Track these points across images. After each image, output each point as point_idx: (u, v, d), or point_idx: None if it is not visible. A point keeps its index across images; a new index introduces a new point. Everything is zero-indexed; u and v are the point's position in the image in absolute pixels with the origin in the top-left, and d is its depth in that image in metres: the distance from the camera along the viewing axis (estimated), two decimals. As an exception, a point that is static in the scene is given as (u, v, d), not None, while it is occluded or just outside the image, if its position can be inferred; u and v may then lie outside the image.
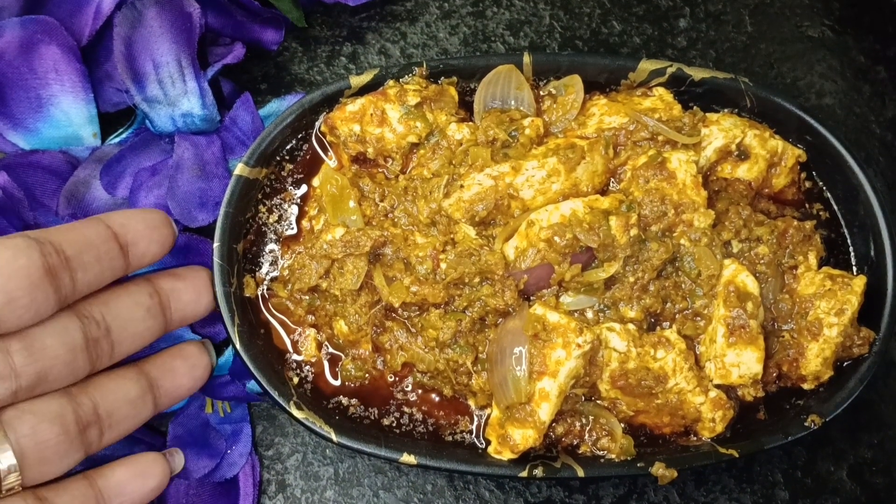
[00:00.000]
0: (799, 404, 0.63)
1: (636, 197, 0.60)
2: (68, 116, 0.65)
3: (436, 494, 0.66)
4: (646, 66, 0.65)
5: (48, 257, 0.50)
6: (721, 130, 0.63)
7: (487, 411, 0.61)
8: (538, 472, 0.58)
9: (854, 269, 0.65)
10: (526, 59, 0.65)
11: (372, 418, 0.61)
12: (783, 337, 0.61)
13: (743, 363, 0.59)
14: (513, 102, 0.64)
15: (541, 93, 0.65)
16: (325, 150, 0.65)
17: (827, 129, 0.65)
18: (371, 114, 0.62)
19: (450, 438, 0.61)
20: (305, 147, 0.65)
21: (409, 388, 0.62)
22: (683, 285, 0.60)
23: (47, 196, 0.64)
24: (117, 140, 0.66)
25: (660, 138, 0.62)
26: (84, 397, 0.54)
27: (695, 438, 0.61)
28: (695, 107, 0.64)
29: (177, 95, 0.65)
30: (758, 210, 0.64)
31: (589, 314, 0.59)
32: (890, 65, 0.75)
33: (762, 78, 0.74)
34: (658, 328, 0.61)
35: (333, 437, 0.58)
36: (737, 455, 0.60)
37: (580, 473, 0.58)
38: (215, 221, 0.61)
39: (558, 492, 0.66)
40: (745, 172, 0.64)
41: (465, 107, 0.65)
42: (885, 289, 0.63)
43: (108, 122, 0.67)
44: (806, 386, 0.62)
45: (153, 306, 0.57)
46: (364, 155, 0.63)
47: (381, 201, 0.62)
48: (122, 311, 0.56)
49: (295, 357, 0.62)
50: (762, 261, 0.61)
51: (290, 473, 0.66)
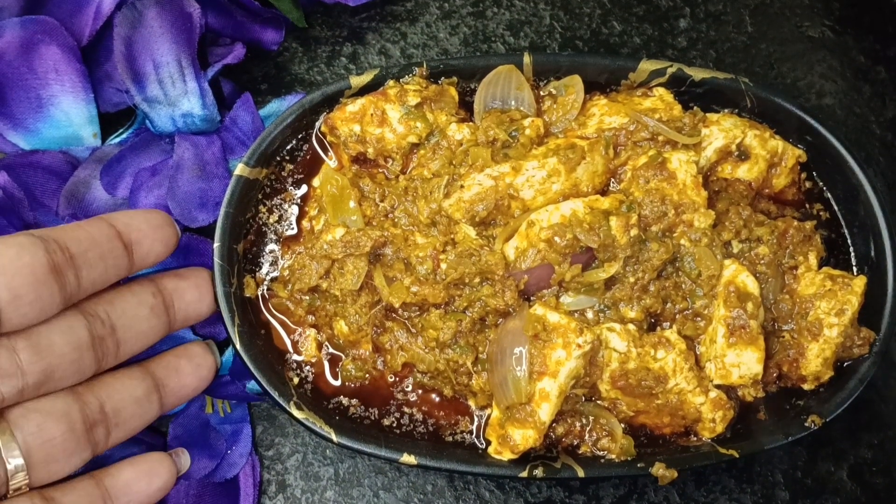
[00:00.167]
0: (799, 404, 0.63)
1: (636, 197, 0.60)
2: (68, 116, 0.65)
3: (436, 495, 0.66)
4: (646, 67, 0.65)
5: (53, 255, 0.50)
6: (721, 131, 0.63)
7: (488, 411, 0.61)
8: (538, 473, 0.58)
9: (854, 270, 0.65)
10: (526, 60, 0.65)
11: (372, 418, 0.61)
12: (783, 337, 0.61)
13: (743, 363, 0.59)
14: (513, 103, 0.64)
15: (541, 93, 0.65)
16: (326, 151, 0.65)
17: (827, 130, 0.65)
18: (371, 114, 0.62)
19: (450, 439, 0.61)
20: (306, 147, 0.65)
21: (410, 389, 0.62)
22: (684, 285, 0.60)
23: (47, 196, 0.64)
24: (117, 140, 0.66)
25: (660, 138, 0.62)
26: (90, 396, 0.54)
27: (695, 439, 0.61)
28: (695, 107, 0.64)
29: (177, 95, 0.65)
30: (758, 210, 0.64)
31: (589, 314, 0.59)
32: (890, 65, 0.75)
33: (762, 78, 0.74)
34: (658, 328, 0.61)
35: (334, 438, 0.58)
36: (737, 455, 0.60)
37: (580, 474, 0.58)
38: (215, 222, 0.61)
39: (558, 492, 0.66)
40: (746, 173, 0.64)
41: (466, 107, 0.65)
42: (886, 289, 0.63)
43: (109, 123, 0.67)
44: (806, 386, 0.62)
45: (157, 305, 0.57)
46: (364, 155, 0.63)
47: (382, 201, 0.62)
48: (127, 310, 0.56)
49: (295, 357, 0.62)
50: (762, 261, 0.61)
51: (291, 474, 0.66)
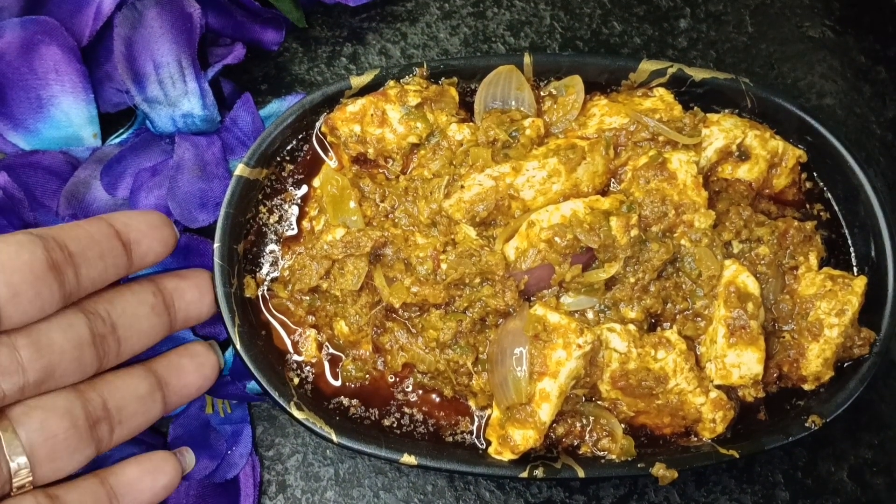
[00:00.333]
0: (799, 405, 0.63)
1: (637, 197, 0.60)
2: (68, 117, 0.65)
3: (436, 495, 0.66)
4: (646, 67, 0.65)
5: (51, 252, 0.50)
6: (722, 131, 0.63)
7: (488, 412, 0.61)
8: (538, 473, 0.58)
9: (854, 270, 0.65)
10: (526, 60, 0.65)
11: (372, 419, 0.61)
12: (784, 337, 0.61)
13: (743, 364, 0.59)
14: (513, 103, 0.64)
15: (541, 93, 0.65)
16: (326, 151, 0.65)
17: (827, 130, 0.65)
18: (371, 114, 0.62)
19: (450, 439, 0.61)
20: (306, 147, 0.65)
21: (410, 389, 0.62)
22: (684, 286, 0.60)
23: (47, 196, 0.64)
24: (118, 140, 0.66)
25: (660, 139, 0.62)
26: (92, 393, 0.54)
27: (695, 439, 0.61)
28: (695, 107, 0.64)
29: (177, 96, 0.65)
30: (758, 210, 0.64)
31: (589, 315, 0.59)
32: (890, 65, 0.75)
33: (763, 78, 0.74)
34: (659, 329, 0.61)
35: (334, 438, 0.58)
36: (737, 455, 0.60)
37: (581, 474, 0.58)
38: (216, 222, 0.61)
39: (559, 492, 0.66)
40: (746, 173, 0.64)
41: (466, 107, 0.65)
42: (886, 289, 0.63)
43: (109, 123, 0.67)
44: (806, 386, 0.62)
45: (157, 304, 0.57)
46: (364, 155, 0.63)
47: (382, 202, 0.62)
48: (128, 309, 0.56)
49: (295, 358, 0.62)
50: (763, 261, 0.61)
51: (291, 474, 0.66)
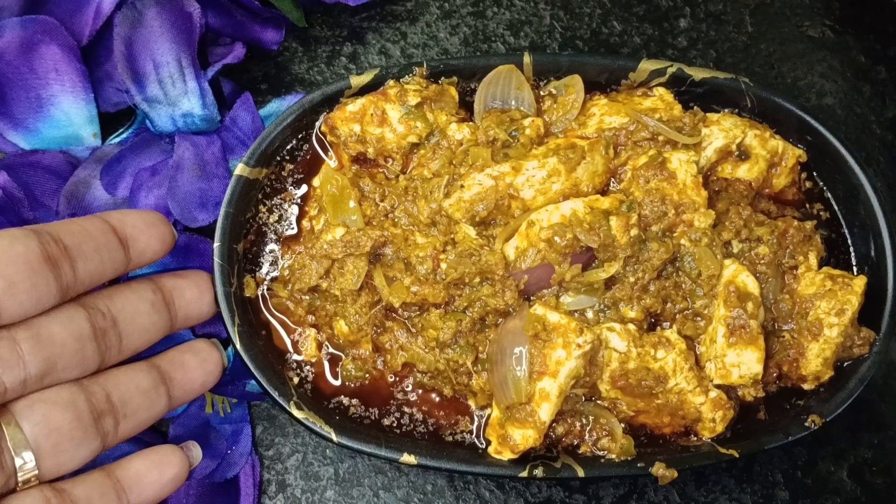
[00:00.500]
0: (799, 404, 0.63)
1: (636, 197, 0.60)
2: (68, 116, 0.65)
3: (436, 494, 0.66)
4: (646, 66, 0.65)
5: (46, 246, 0.50)
6: (721, 130, 0.63)
7: (488, 411, 0.61)
8: (538, 473, 0.58)
9: (854, 270, 0.65)
10: (526, 59, 0.65)
11: (372, 418, 0.61)
12: (783, 337, 0.61)
13: (743, 363, 0.59)
14: (513, 102, 0.64)
15: (541, 93, 0.65)
16: (326, 150, 0.65)
17: (827, 129, 0.65)
18: (371, 114, 0.62)
19: (450, 438, 0.61)
20: (306, 147, 0.65)
21: (410, 389, 0.62)
22: (684, 285, 0.60)
23: (47, 196, 0.64)
24: (117, 140, 0.66)
25: (660, 138, 0.62)
26: (96, 387, 0.54)
27: (695, 438, 0.61)
28: (695, 107, 0.64)
29: (177, 95, 0.65)
30: (758, 210, 0.64)
31: (589, 314, 0.59)
32: (890, 65, 0.75)
33: (762, 78, 0.74)
34: (658, 328, 0.61)
35: (333, 438, 0.58)
36: (737, 455, 0.60)
37: (580, 473, 0.58)
38: (215, 221, 0.61)
39: (558, 492, 0.66)
40: (746, 172, 0.64)
41: (466, 107, 0.65)
42: (886, 289, 0.63)
43: (109, 122, 0.67)
44: (806, 386, 0.62)
45: (157, 301, 0.57)
46: (364, 155, 0.63)
47: (382, 201, 0.62)
48: (128, 305, 0.56)
49: (295, 357, 0.62)
50: (762, 261, 0.61)
51: (291, 473, 0.66)
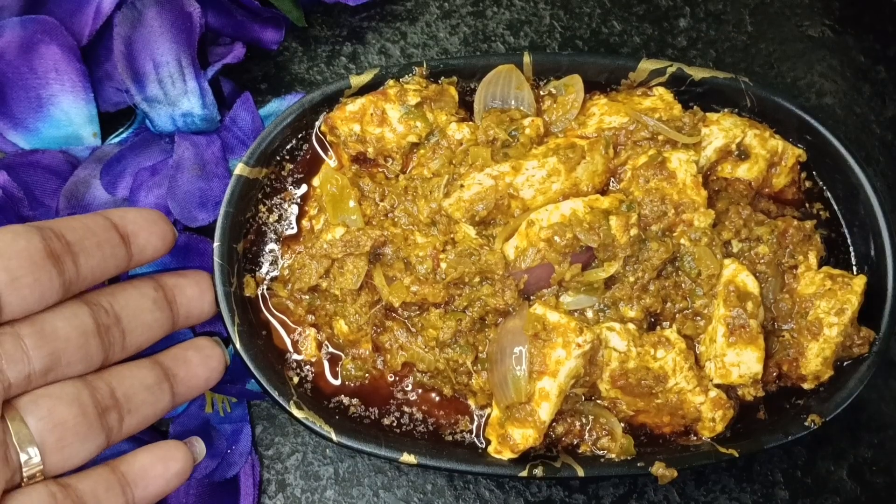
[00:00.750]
0: (799, 404, 0.63)
1: (636, 197, 0.60)
2: (68, 116, 0.65)
3: (436, 494, 0.66)
4: (646, 66, 0.65)
5: (49, 241, 0.50)
6: (721, 130, 0.63)
7: (487, 411, 0.61)
8: (538, 472, 0.58)
9: (854, 269, 0.65)
10: (526, 59, 0.65)
11: (372, 418, 0.61)
12: (783, 336, 0.61)
13: (743, 363, 0.59)
14: (513, 102, 0.64)
15: (541, 92, 0.65)
16: (326, 150, 0.65)
17: (827, 129, 0.65)
18: (371, 113, 0.62)
19: (450, 438, 0.61)
20: (305, 147, 0.65)
21: (410, 388, 0.62)
22: (683, 285, 0.60)
23: (47, 196, 0.64)
24: (117, 140, 0.66)
25: (660, 138, 0.62)
26: (100, 382, 0.54)
27: (695, 438, 0.61)
28: (695, 106, 0.64)
29: (177, 95, 0.65)
30: (758, 210, 0.64)
31: (589, 314, 0.59)
32: (890, 64, 0.75)
33: (762, 78, 0.74)
34: (658, 328, 0.61)
35: (333, 437, 0.58)
36: (737, 455, 0.60)
37: (580, 473, 0.58)
38: (215, 221, 0.61)
39: (558, 491, 0.66)
40: (746, 172, 0.64)
41: (466, 106, 0.65)
42: (885, 288, 0.63)
43: (108, 122, 0.67)
44: (806, 385, 0.62)
45: (159, 299, 0.57)
46: (364, 155, 0.63)
47: (382, 201, 0.62)
48: (130, 302, 0.56)
49: (295, 357, 0.62)
50: (762, 260, 0.61)
51: (290, 473, 0.66)
